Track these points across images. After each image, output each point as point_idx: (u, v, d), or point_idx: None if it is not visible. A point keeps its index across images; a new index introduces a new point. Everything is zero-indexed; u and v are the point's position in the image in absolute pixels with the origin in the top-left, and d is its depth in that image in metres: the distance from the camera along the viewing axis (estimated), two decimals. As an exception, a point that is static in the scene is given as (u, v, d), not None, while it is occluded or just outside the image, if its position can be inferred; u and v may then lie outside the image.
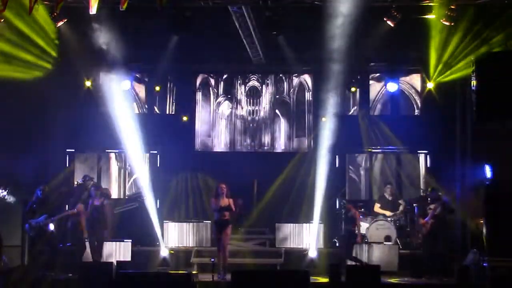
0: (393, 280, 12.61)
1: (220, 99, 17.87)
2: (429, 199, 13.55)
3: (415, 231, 14.48)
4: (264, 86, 17.80)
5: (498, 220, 12.79)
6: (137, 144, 15.44)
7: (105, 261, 13.45)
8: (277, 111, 17.72)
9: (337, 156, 16.54)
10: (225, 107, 17.84)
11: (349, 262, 13.01)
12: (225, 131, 17.76)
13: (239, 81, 17.86)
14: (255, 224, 16.16)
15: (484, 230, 13.04)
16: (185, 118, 17.48)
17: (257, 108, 17.78)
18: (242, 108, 17.80)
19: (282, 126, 17.68)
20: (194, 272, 12.82)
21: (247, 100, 17.80)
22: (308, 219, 14.96)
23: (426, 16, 13.86)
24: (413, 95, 17.31)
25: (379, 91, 17.39)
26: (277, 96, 17.77)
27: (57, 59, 15.33)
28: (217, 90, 17.88)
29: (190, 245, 15.04)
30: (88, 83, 16.75)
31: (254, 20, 14.28)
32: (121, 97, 16.20)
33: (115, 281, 11.15)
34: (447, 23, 13.66)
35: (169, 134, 17.00)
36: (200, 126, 17.76)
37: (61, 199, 15.16)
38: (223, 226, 12.97)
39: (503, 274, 11.45)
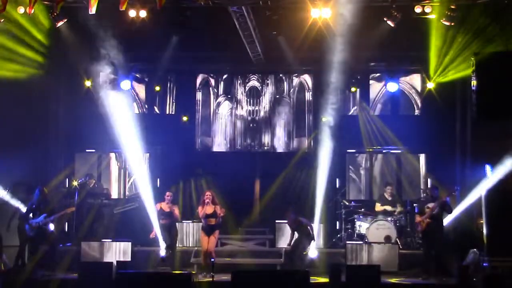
0: (393, 280, 12.59)
1: (220, 99, 17.87)
2: (429, 196, 13.47)
3: (415, 230, 14.47)
4: (264, 86, 17.79)
5: (498, 220, 12.81)
6: (137, 144, 15.42)
7: (105, 261, 13.45)
8: (277, 111, 17.72)
9: (337, 156, 16.52)
10: (225, 107, 17.84)
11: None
12: (225, 131, 17.75)
13: (239, 81, 17.85)
14: (255, 224, 16.16)
15: (484, 230, 13.05)
16: (185, 118, 17.48)
17: (257, 108, 17.77)
18: (242, 108, 17.79)
19: (282, 126, 17.67)
20: (194, 272, 12.84)
21: (247, 100, 17.79)
22: (308, 219, 14.90)
23: (426, 16, 13.84)
24: (413, 95, 17.31)
25: (379, 91, 17.39)
26: (277, 96, 17.77)
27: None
28: (217, 90, 17.88)
29: (190, 245, 15.05)
30: (88, 83, 16.73)
31: (254, 20, 14.28)
32: (121, 97, 16.18)
33: (115, 281, 11.15)
34: (447, 23, 13.65)
35: (169, 134, 16.99)
36: (200, 126, 17.76)
37: (61, 199, 15.22)
38: (210, 231, 12.99)
39: (502, 274, 11.45)
